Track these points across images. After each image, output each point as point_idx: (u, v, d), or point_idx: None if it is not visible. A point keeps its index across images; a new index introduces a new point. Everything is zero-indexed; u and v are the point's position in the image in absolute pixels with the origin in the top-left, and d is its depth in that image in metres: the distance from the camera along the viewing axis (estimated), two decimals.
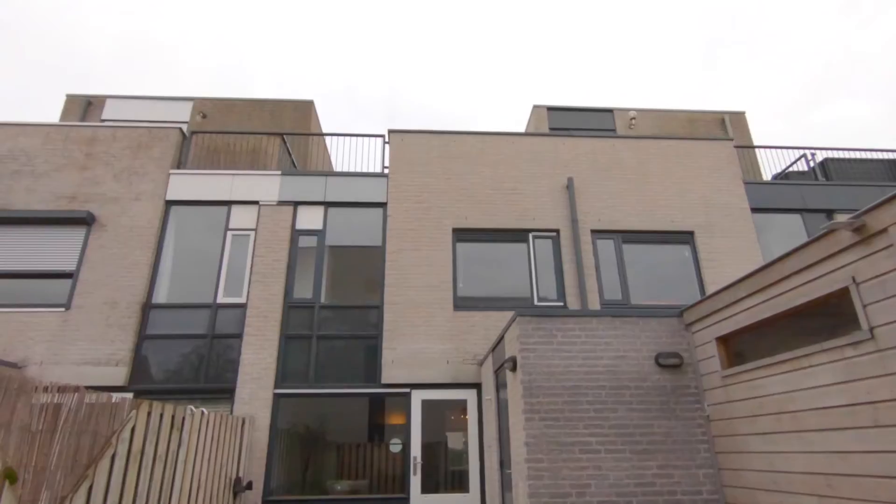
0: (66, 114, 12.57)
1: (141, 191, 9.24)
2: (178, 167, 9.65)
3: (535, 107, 13.09)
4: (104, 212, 9.02)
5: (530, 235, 9.41)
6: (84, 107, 12.47)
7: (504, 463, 6.45)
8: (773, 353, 4.39)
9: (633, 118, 12.99)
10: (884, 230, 3.34)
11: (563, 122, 12.73)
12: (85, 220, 8.85)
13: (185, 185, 9.41)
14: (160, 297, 8.77)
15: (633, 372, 5.51)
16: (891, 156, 11.19)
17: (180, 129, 9.88)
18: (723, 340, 5.19)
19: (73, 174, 9.27)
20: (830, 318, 4.00)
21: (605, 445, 5.21)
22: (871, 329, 3.45)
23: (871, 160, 11.14)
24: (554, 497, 4.98)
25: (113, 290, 8.52)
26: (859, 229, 3.50)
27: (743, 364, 4.79)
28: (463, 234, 9.37)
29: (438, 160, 9.83)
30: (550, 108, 12.96)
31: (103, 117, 11.33)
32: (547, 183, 9.76)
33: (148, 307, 8.59)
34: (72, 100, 12.75)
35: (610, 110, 13.16)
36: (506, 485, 6.32)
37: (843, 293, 3.71)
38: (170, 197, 9.29)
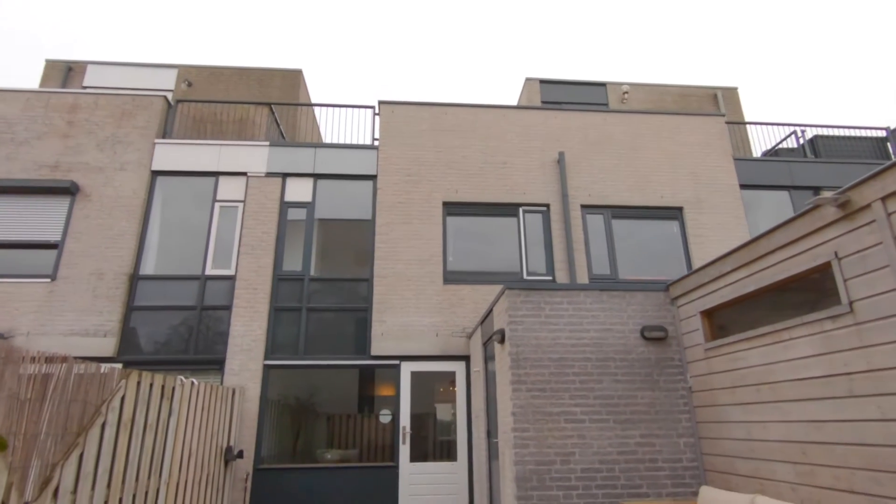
0: (45, 80, 12.21)
1: (126, 160, 9.07)
2: (164, 137, 9.46)
3: (528, 79, 12.94)
4: (88, 181, 8.86)
5: (520, 210, 9.42)
6: (64, 73, 12.11)
7: (491, 432, 6.59)
8: (755, 327, 4.49)
9: (626, 92, 12.89)
10: (867, 206, 3.39)
11: (555, 95, 12.61)
12: (69, 190, 8.70)
13: (171, 155, 9.25)
14: (147, 268, 8.71)
15: (619, 344, 5.61)
16: (879, 133, 11.26)
17: (165, 97, 9.65)
18: (707, 314, 5.29)
19: (55, 142, 9.06)
20: (812, 292, 4.08)
21: (590, 415, 5.33)
22: (851, 303, 3.53)
23: (860, 138, 11.21)
24: (539, 465, 5.12)
25: (99, 261, 8.44)
26: (844, 205, 3.55)
27: (726, 337, 4.90)
28: (453, 208, 9.35)
29: (429, 133, 9.73)
30: (543, 81, 12.82)
31: (84, 84, 11.03)
32: (538, 157, 9.72)
33: (135, 278, 8.53)
34: (51, 65, 12.37)
35: (603, 84, 13.05)
36: (493, 453, 6.48)
37: (826, 268, 3.78)
38: (155, 167, 9.13)
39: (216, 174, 9.26)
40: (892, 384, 3.23)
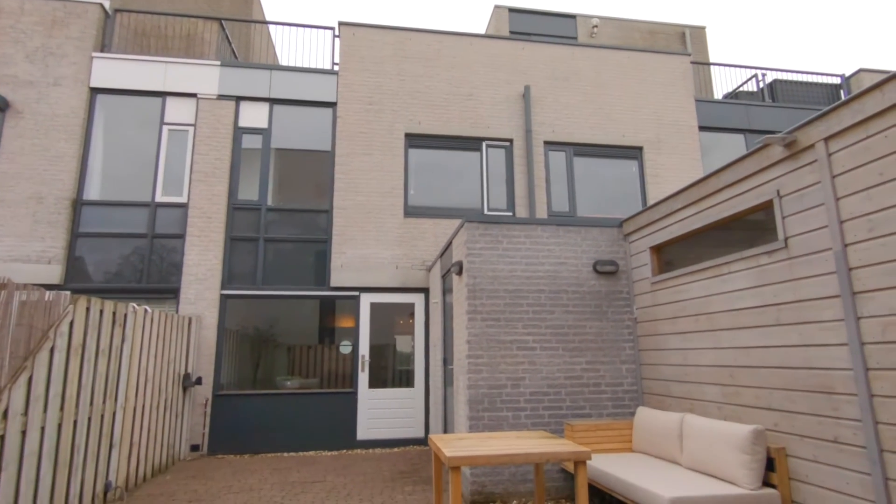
0: None
1: (60, 75, 8.34)
2: (102, 50, 8.71)
3: (497, 7, 12.42)
4: (19, 97, 8.16)
5: (484, 144, 9.33)
6: None
7: (447, 360, 6.85)
8: (699, 261, 4.73)
9: (595, 26, 12.60)
10: (811, 146, 3.52)
11: (524, 25, 12.20)
12: None
13: (111, 71, 8.56)
14: (92, 193, 8.27)
15: (572, 277, 5.82)
16: (834, 80, 11.53)
17: (101, 5, 8.78)
18: (656, 249, 5.52)
19: None
20: (754, 230, 4.29)
21: (541, 343, 5.60)
22: (786, 239, 3.74)
23: (817, 84, 11.46)
24: (491, 388, 5.40)
25: (37, 185, 7.94)
26: (790, 145, 3.68)
27: (671, 271, 5.14)
28: (415, 140, 9.17)
29: (392, 59, 9.32)
30: (512, 10, 12.34)
31: None
32: (504, 90, 9.53)
33: (79, 203, 8.11)
34: None
35: (573, 16, 12.68)
36: (448, 379, 6.77)
37: (768, 205, 3.97)
38: (94, 84, 8.46)
39: (163, 94, 8.68)
40: (813, 313, 3.51)
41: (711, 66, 12.20)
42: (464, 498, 5.30)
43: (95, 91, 8.49)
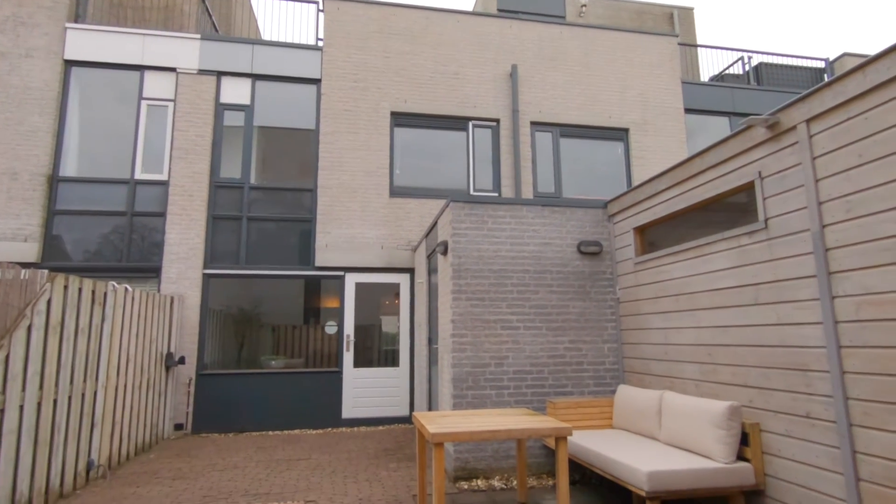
0: None
1: (32, 46, 8.05)
2: (76, 21, 8.40)
3: None
4: None
5: (470, 124, 9.26)
6: None
7: (432, 340, 6.89)
8: (681, 242, 4.78)
9: (584, 6, 12.47)
10: (793, 128, 3.55)
11: (512, 3, 11.99)
12: None
13: (86, 43, 8.27)
14: (68, 169, 8.07)
15: (557, 258, 5.85)
16: (818, 64, 11.60)
17: None
18: (639, 230, 5.56)
19: None
20: (735, 212, 4.34)
21: (525, 323, 5.65)
22: (766, 220, 3.79)
23: (801, 68, 11.52)
24: (475, 367, 5.45)
25: (10, 160, 7.72)
26: (773, 126, 3.70)
27: (654, 252, 5.20)
28: (401, 119, 9.06)
29: (378, 35, 9.15)
30: None
31: None
32: (490, 69, 9.43)
33: (55, 180, 7.91)
34: None
35: None
36: (433, 359, 6.81)
37: (750, 187, 4.01)
38: (69, 56, 8.18)
39: (141, 68, 8.43)
40: (790, 293, 3.58)
41: (698, 49, 12.18)
42: (447, 474, 5.38)
43: (70, 63, 8.22)
